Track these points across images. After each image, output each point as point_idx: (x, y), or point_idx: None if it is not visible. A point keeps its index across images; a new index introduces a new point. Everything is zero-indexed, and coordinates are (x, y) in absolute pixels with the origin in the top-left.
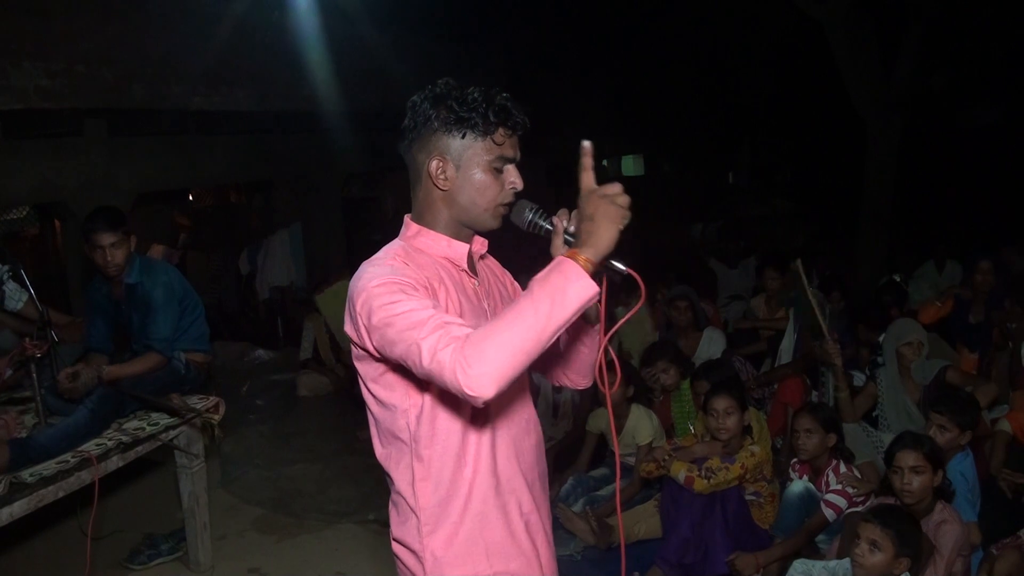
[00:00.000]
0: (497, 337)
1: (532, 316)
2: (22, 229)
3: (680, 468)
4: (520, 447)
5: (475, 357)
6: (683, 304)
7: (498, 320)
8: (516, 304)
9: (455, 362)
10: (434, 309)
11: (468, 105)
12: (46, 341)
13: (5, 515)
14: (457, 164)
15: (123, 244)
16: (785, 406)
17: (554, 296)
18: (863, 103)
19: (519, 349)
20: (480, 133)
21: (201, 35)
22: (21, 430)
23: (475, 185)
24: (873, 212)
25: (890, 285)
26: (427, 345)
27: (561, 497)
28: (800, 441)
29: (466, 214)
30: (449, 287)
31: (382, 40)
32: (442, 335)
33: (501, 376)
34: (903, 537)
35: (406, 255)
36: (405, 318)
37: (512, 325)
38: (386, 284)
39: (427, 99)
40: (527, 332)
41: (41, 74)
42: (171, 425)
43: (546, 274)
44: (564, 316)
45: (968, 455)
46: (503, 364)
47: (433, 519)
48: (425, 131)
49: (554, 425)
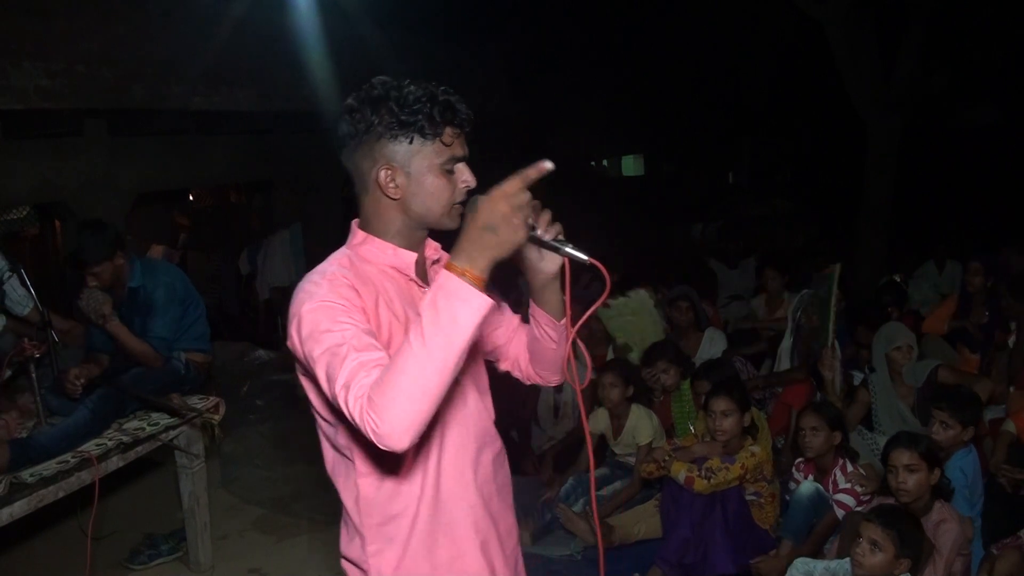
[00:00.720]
0: (399, 387)
1: (426, 356)
2: (22, 229)
3: (680, 468)
4: (474, 461)
5: (382, 413)
6: (684, 304)
7: (393, 366)
8: (407, 343)
9: (364, 421)
10: (357, 344)
11: (411, 107)
12: (45, 341)
13: (5, 515)
14: (407, 171)
15: (107, 269)
16: (788, 407)
17: (444, 327)
18: (863, 103)
19: (424, 392)
20: (428, 136)
21: (201, 35)
22: (22, 431)
23: (428, 191)
24: (873, 212)
25: (890, 285)
26: (340, 397)
27: (561, 497)
28: (806, 439)
29: (422, 220)
30: (394, 299)
31: (382, 40)
32: (354, 385)
33: (411, 425)
34: (904, 537)
35: (351, 265)
36: (328, 356)
37: (409, 370)
38: (317, 309)
39: (366, 103)
40: (427, 373)
41: (41, 74)
42: (171, 425)
43: (432, 298)
44: (461, 343)
45: (971, 452)
46: (411, 413)
47: (379, 539)
48: (368, 138)
49: (555, 425)
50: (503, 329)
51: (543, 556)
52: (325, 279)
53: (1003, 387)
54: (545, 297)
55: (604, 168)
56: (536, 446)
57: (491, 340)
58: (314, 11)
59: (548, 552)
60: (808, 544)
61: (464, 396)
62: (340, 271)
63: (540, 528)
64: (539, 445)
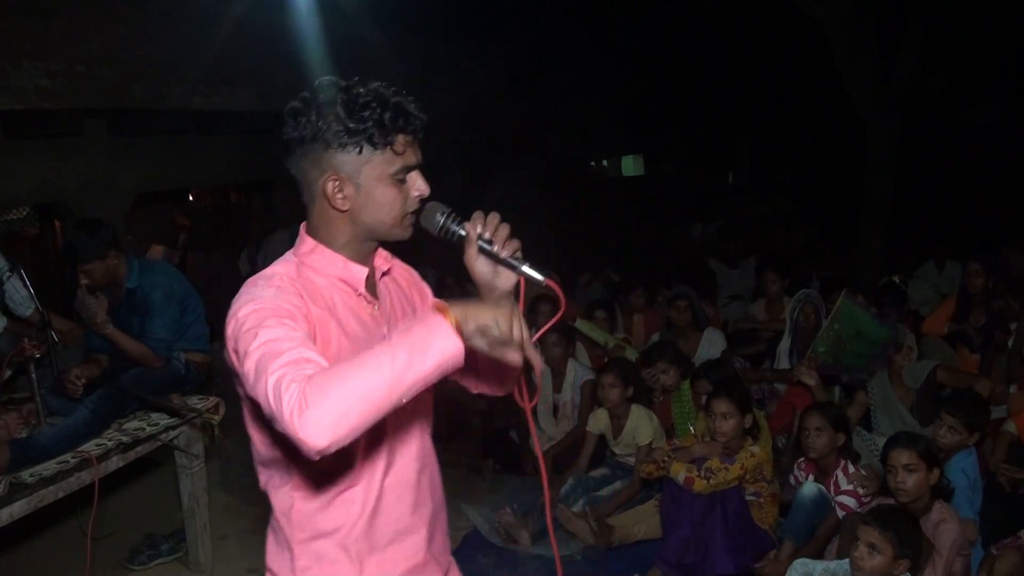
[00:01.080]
0: (345, 380)
1: (388, 364)
2: (22, 229)
3: (680, 469)
4: (415, 485)
5: (315, 399)
6: (682, 304)
7: (350, 362)
8: (372, 349)
9: (294, 402)
10: (299, 343)
11: (359, 113)
12: (45, 342)
13: (5, 515)
14: (356, 182)
15: (99, 268)
16: (792, 406)
17: (414, 347)
18: (863, 103)
19: (366, 398)
20: (378, 145)
21: (201, 35)
22: (21, 430)
23: (379, 202)
24: (873, 212)
25: (889, 287)
26: (272, 380)
27: (561, 497)
28: (809, 440)
29: (372, 232)
30: (341, 313)
31: (382, 40)
32: (291, 370)
33: (339, 425)
34: (902, 538)
35: (298, 275)
36: (264, 348)
37: (363, 370)
38: (257, 311)
39: (312, 108)
40: (378, 381)
41: (41, 74)
42: (171, 425)
43: (410, 324)
44: (422, 371)
45: (971, 452)
46: (345, 412)
47: (307, 555)
48: (314, 146)
49: (554, 425)
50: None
51: (543, 556)
52: (271, 283)
53: (1003, 387)
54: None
55: (604, 168)
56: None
57: None
58: (314, 11)
59: (548, 553)
60: (810, 545)
61: (410, 416)
62: (287, 277)
63: (539, 529)
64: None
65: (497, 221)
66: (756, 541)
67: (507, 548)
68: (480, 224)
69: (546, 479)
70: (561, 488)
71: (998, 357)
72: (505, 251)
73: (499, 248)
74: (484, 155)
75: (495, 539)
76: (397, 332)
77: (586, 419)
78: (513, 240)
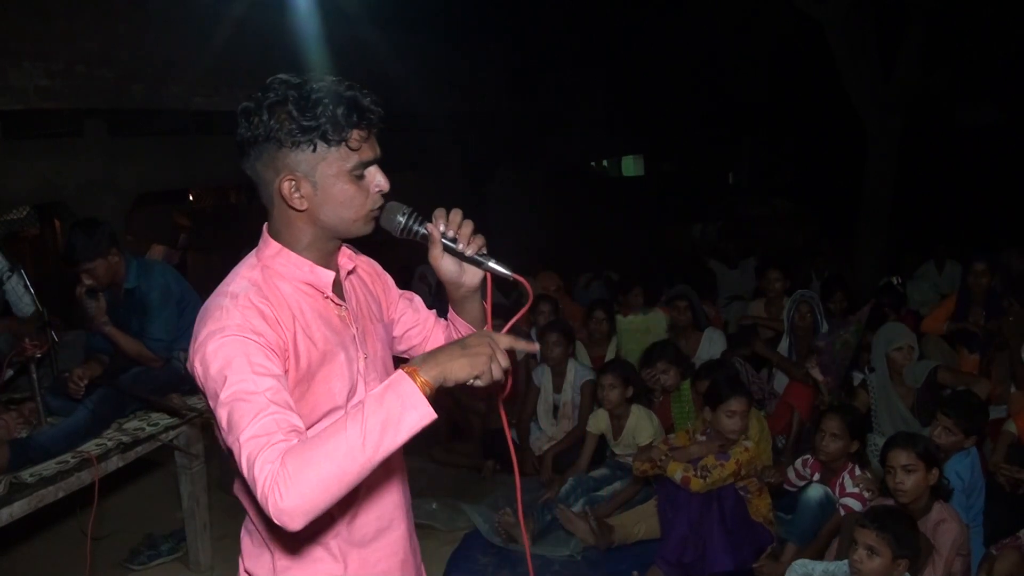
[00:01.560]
0: (317, 467)
1: (359, 447)
2: (22, 229)
3: (676, 468)
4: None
5: (289, 491)
6: (682, 304)
7: (321, 444)
8: (343, 428)
9: (268, 488)
10: (268, 398)
11: (312, 110)
12: (46, 342)
13: (5, 515)
14: (312, 180)
15: (101, 266)
16: (790, 407)
17: (387, 423)
18: (863, 103)
19: (341, 483)
20: (332, 141)
21: (201, 35)
22: (21, 430)
23: (337, 200)
24: (873, 212)
25: (887, 288)
26: (245, 454)
27: (561, 497)
28: (823, 442)
29: (333, 231)
30: (310, 320)
31: (382, 41)
32: (263, 447)
33: (314, 510)
34: (900, 539)
35: (264, 281)
36: (234, 402)
37: (335, 454)
38: (223, 346)
39: (264, 107)
40: (351, 464)
41: (41, 74)
42: (171, 425)
43: (382, 393)
44: (394, 445)
45: (968, 455)
46: (319, 498)
47: (287, 556)
48: (268, 146)
49: (554, 425)
50: (418, 328)
51: (543, 557)
52: (237, 304)
53: (1003, 387)
54: (466, 308)
55: (604, 168)
56: (536, 446)
57: (405, 339)
58: (314, 11)
59: (548, 553)
60: (812, 546)
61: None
62: (253, 292)
63: (540, 529)
64: (538, 445)
65: (460, 218)
66: (754, 537)
67: (507, 548)
68: (443, 222)
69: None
70: (561, 488)
71: (998, 357)
72: (470, 248)
73: (464, 245)
74: (485, 155)
75: (495, 539)
76: (371, 402)
77: (586, 419)
78: (477, 236)
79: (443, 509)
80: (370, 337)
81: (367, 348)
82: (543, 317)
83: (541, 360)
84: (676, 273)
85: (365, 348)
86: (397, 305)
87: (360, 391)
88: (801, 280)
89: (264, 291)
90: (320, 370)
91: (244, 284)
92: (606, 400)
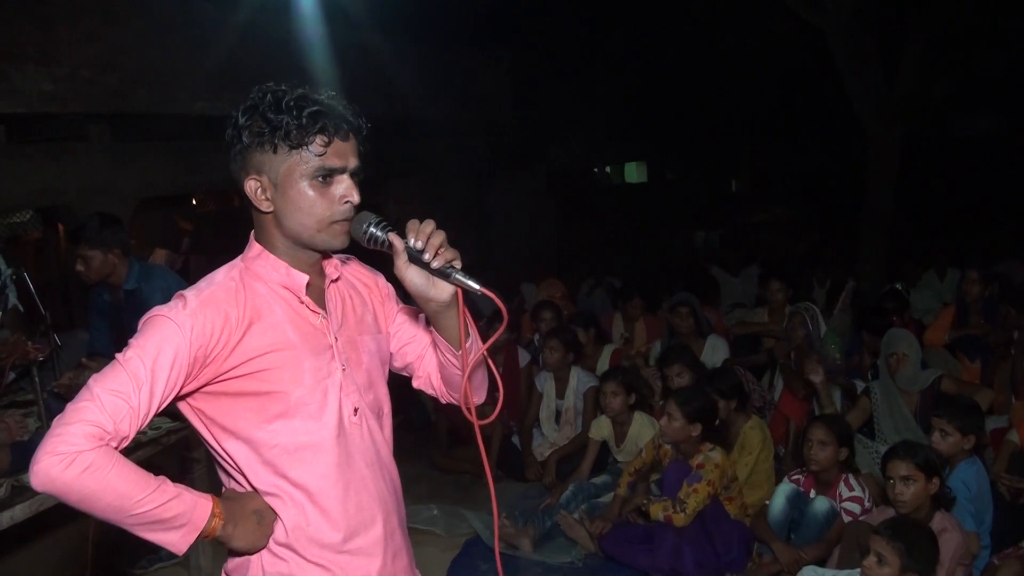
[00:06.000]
0: (98, 482)
1: (128, 506)
2: (25, 233)
3: (658, 510)
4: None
5: (67, 471)
6: (684, 310)
7: (120, 476)
8: (148, 480)
9: (59, 451)
10: (143, 389)
11: (277, 113)
12: (48, 344)
13: (6, 519)
14: (274, 182)
15: (98, 258)
16: (785, 417)
17: (156, 520)
18: (865, 112)
19: (91, 505)
20: (292, 144)
21: (205, 41)
22: (24, 433)
23: (297, 204)
24: (875, 220)
25: (892, 293)
26: (83, 403)
27: (562, 504)
28: (812, 452)
29: (298, 237)
30: (280, 320)
31: (386, 47)
32: (94, 417)
33: (54, 495)
34: (912, 552)
35: (240, 279)
36: (124, 362)
37: (115, 490)
38: (160, 326)
39: (241, 111)
40: (112, 506)
41: (45, 78)
42: (173, 429)
43: (187, 500)
44: (144, 532)
45: (974, 464)
46: (68, 496)
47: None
48: (239, 147)
49: (557, 431)
50: (413, 345)
51: (544, 563)
52: (201, 297)
53: (1006, 396)
54: (441, 324)
55: (607, 175)
56: (539, 452)
57: (401, 356)
58: (319, 17)
59: (549, 559)
60: (814, 549)
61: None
62: (225, 287)
63: (541, 535)
64: (541, 451)
65: (431, 228)
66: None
67: (509, 554)
68: (412, 233)
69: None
70: (562, 494)
71: (1000, 367)
72: (436, 260)
73: (430, 256)
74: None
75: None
76: (170, 492)
77: (589, 425)
78: (449, 250)
79: (444, 515)
80: (355, 349)
81: (346, 359)
82: (545, 324)
83: (543, 366)
84: (678, 280)
85: (343, 359)
86: (395, 318)
87: (332, 401)
88: (803, 289)
89: (237, 284)
90: (271, 370)
91: (220, 276)
92: (608, 407)
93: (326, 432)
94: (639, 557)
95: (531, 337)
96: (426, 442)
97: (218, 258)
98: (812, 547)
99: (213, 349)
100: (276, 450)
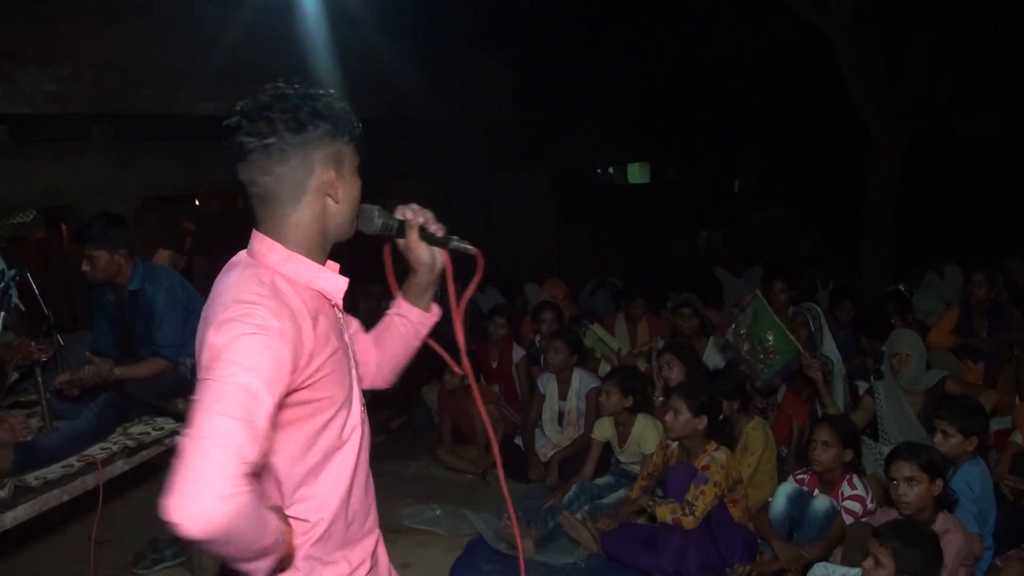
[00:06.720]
0: (256, 517)
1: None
2: (28, 233)
3: (665, 512)
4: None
5: (237, 511)
6: (687, 311)
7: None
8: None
9: (226, 493)
10: (262, 414)
11: (334, 108)
12: (52, 345)
13: (9, 519)
14: (341, 173)
15: (104, 258)
16: (788, 418)
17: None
18: (867, 112)
19: (249, 540)
20: (353, 137)
21: (208, 41)
22: (27, 434)
23: (353, 195)
24: (877, 221)
25: (894, 295)
26: (218, 440)
27: (565, 504)
28: (816, 452)
29: (337, 229)
30: (326, 325)
31: (389, 48)
32: (235, 454)
33: (218, 534)
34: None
35: (273, 295)
36: (227, 388)
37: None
38: (252, 335)
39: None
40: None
41: (48, 79)
42: (177, 430)
43: (274, 518)
44: (248, 561)
45: (978, 465)
46: (238, 534)
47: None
48: (295, 141)
49: (559, 432)
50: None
51: (547, 564)
52: (274, 310)
53: (1009, 397)
54: (425, 295)
55: (609, 175)
56: (542, 453)
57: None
58: (321, 18)
59: (552, 560)
60: (814, 547)
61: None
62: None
63: (544, 535)
64: (544, 452)
65: (419, 208)
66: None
67: (511, 555)
68: (410, 213)
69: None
70: (565, 495)
71: (1004, 368)
72: (439, 232)
73: (435, 229)
74: (490, 162)
75: (499, 545)
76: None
77: (592, 426)
78: (439, 223)
79: (446, 515)
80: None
81: (354, 352)
82: (546, 325)
83: (545, 367)
84: (681, 280)
85: (353, 352)
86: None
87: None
88: (806, 290)
89: (276, 304)
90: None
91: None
92: (602, 407)
93: (356, 429)
94: (641, 558)
95: (532, 338)
96: (429, 442)
97: (221, 258)
98: (812, 545)
99: (298, 362)
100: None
